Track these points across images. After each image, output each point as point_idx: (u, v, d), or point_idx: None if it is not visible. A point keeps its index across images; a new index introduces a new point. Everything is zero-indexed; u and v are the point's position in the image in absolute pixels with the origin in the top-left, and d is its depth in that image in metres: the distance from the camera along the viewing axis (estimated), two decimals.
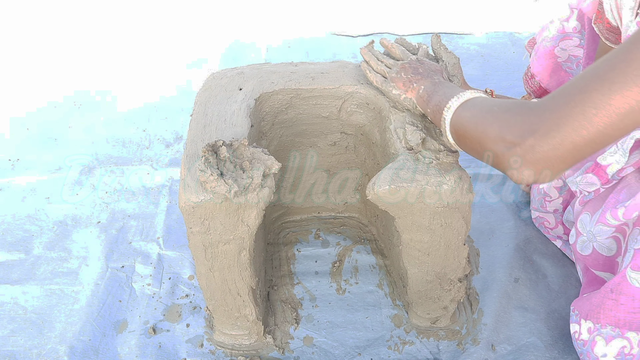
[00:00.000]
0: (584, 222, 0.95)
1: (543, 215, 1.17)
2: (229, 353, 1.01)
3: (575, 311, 0.93)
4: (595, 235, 0.92)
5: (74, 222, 1.26)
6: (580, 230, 0.96)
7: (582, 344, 0.90)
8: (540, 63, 1.14)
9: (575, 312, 0.93)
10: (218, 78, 1.02)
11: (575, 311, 0.93)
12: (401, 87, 0.90)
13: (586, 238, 0.94)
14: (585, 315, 0.89)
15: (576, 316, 0.92)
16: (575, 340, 0.92)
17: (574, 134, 0.59)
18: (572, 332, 0.93)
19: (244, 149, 0.82)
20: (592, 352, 0.88)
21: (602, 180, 0.91)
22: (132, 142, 1.49)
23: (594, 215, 0.93)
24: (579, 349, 0.92)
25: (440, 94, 0.82)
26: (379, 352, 1.01)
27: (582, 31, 1.04)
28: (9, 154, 1.46)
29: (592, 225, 0.92)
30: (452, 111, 0.76)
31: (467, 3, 2.07)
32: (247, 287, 0.92)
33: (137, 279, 1.14)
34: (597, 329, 0.87)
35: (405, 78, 0.90)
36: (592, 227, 0.92)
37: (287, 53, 1.83)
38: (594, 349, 0.87)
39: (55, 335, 1.04)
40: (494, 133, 0.66)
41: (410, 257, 0.93)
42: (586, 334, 0.89)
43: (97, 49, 1.86)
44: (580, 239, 0.96)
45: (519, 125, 0.63)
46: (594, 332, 0.87)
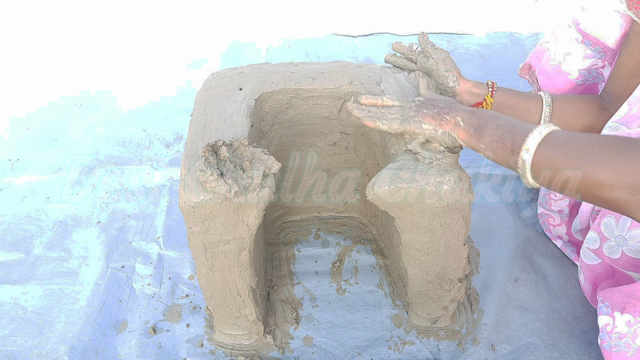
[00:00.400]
0: (610, 227, 0.93)
1: (548, 212, 1.17)
2: (229, 353, 1.01)
3: (606, 302, 0.90)
4: (627, 239, 0.90)
5: (74, 222, 1.27)
6: (606, 234, 0.93)
7: (617, 336, 0.88)
8: (551, 82, 1.11)
9: (606, 304, 0.90)
10: (218, 78, 1.02)
11: (605, 302, 0.90)
12: (431, 121, 0.82)
13: (614, 243, 0.92)
14: (622, 308, 0.87)
15: (607, 307, 0.90)
16: (606, 333, 0.89)
17: None
18: (604, 324, 0.89)
19: (244, 149, 0.82)
20: (634, 343, 0.86)
21: None
22: (132, 142, 1.49)
23: (620, 219, 0.91)
24: (612, 341, 0.89)
25: (493, 127, 0.76)
26: (379, 352, 1.01)
27: (586, 41, 1.03)
28: (9, 154, 1.46)
29: (624, 230, 0.90)
30: (532, 153, 0.69)
31: (467, 3, 2.07)
32: (247, 287, 0.92)
33: (137, 279, 1.14)
34: (638, 321, 0.84)
35: (432, 113, 0.82)
36: (624, 232, 0.90)
37: (287, 53, 1.83)
38: (636, 340, 0.85)
39: (55, 335, 1.04)
40: (609, 180, 0.63)
41: (410, 257, 0.93)
42: (624, 327, 0.87)
43: (97, 49, 1.87)
44: (607, 244, 0.94)
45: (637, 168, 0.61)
46: (635, 325, 0.85)
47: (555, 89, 1.10)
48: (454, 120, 0.80)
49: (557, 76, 1.10)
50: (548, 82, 1.12)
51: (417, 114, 0.83)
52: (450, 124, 0.80)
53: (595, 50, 1.04)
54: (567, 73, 1.08)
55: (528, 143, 0.70)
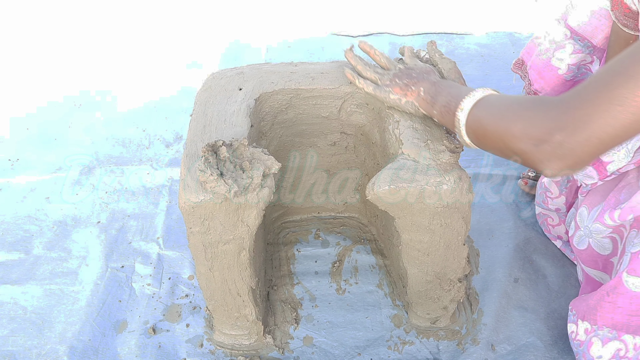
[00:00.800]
0: (582, 217, 0.95)
1: (546, 212, 1.17)
2: (228, 353, 1.01)
3: (573, 311, 0.93)
4: (592, 232, 0.92)
5: (74, 222, 1.27)
6: (579, 223, 0.96)
7: (578, 344, 0.90)
8: (542, 77, 1.12)
9: (573, 312, 0.93)
10: (218, 78, 1.02)
11: (572, 311, 0.93)
12: (399, 91, 0.89)
13: (583, 233, 0.95)
14: (583, 315, 0.89)
15: (574, 316, 0.92)
16: (572, 340, 0.92)
17: (600, 131, 0.61)
18: (570, 331, 0.93)
19: (244, 149, 0.82)
20: (588, 353, 0.88)
21: (601, 175, 0.91)
22: (132, 142, 1.49)
23: (591, 210, 0.93)
24: (575, 348, 0.92)
25: (445, 94, 0.82)
26: (378, 352, 1.01)
27: (574, 37, 1.05)
28: (9, 154, 1.46)
29: (590, 221, 0.93)
30: (466, 112, 0.75)
31: (467, 3, 2.07)
32: (247, 287, 0.92)
33: (137, 279, 1.14)
34: (594, 330, 0.87)
35: (401, 83, 0.89)
36: (590, 224, 0.92)
37: (287, 53, 1.83)
38: (590, 349, 0.87)
39: (55, 335, 1.04)
40: (519, 131, 0.66)
41: (410, 257, 0.93)
42: (583, 335, 0.89)
43: (97, 49, 1.86)
44: (577, 233, 0.96)
45: (545, 123, 0.64)
46: (590, 333, 0.88)
47: (544, 83, 1.11)
48: (417, 90, 0.87)
49: (546, 71, 1.11)
50: (538, 76, 1.13)
51: (391, 83, 0.90)
52: (414, 94, 0.88)
53: (584, 46, 1.05)
54: (557, 68, 1.09)
55: (463, 103, 0.76)
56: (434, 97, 0.83)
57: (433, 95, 0.84)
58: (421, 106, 0.87)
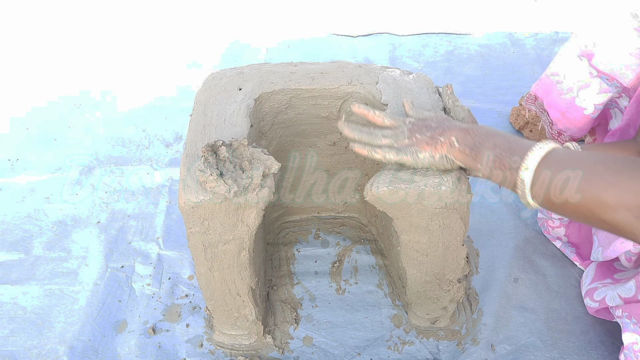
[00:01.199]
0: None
1: (547, 217, 1.17)
2: (228, 353, 1.01)
3: (633, 319, 0.86)
4: None
5: (74, 222, 1.27)
6: None
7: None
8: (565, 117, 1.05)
9: (633, 320, 0.86)
10: (218, 78, 1.02)
11: (632, 319, 0.86)
12: (427, 147, 0.78)
13: None
14: None
15: (634, 325, 0.85)
16: (632, 351, 0.85)
17: None
18: (631, 341, 0.85)
19: (244, 149, 0.82)
20: None
21: None
22: (132, 142, 1.49)
23: None
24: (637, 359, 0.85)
25: (490, 145, 0.72)
26: (378, 352, 1.01)
27: (602, 76, 0.98)
28: (9, 153, 1.46)
29: None
30: (532, 172, 0.66)
31: (467, 3, 2.07)
32: (247, 287, 0.92)
33: (136, 279, 1.14)
34: None
35: (425, 137, 0.78)
36: None
37: (287, 53, 1.83)
38: None
39: (55, 335, 1.04)
40: (612, 200, 0.59)
41: (409, 257, 0.93)
42: None
43: (97, 49, 1.87)
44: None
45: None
46: None
47: (568, 123, 1.05)
48: (448, 141, 0.77)
49: (571, 111, 1.04)
50: (561, 116, 1.06)
51: (411, 141, 0.79)
52: (445, 146, 0.77)
53: (611, 85, 0.98)
54: (582, 108, 1.02)
55: (527, 161, 0.66)
56: (475, 148, 0.74)
57: (472, 146, 0.74)
58: (459, 160, 0.76)
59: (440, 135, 0.77)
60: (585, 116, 1.02)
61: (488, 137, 0.73)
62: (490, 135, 0.73)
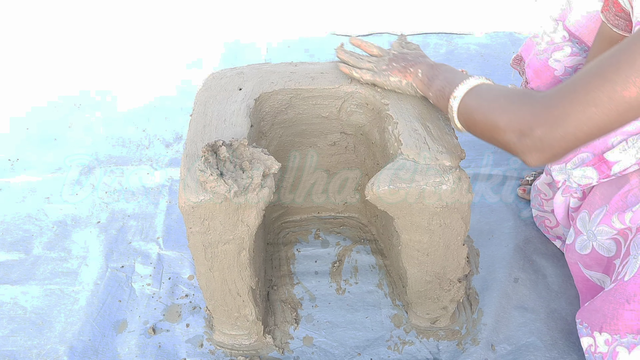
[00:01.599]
0: (584, 221, 0.94)
1: (543, 214, 1.17)
2: (228, 353, 1.01)
3: (584, 324, 0.90)
4: (595, 235, 0.91)
5: (74, 222, 1.27)
6: (580, 228, 0.95)
7: (600, 356, 0.86)
8: (538, 76, 1.13)
9: (584, 325, 0.90)
10: (218, 78, 1.02)
11: (583, 324, 0.90)
12: (398, 74, 0.93)
13: (586, 237, 0.94)
14: (600, 327, 0.86)
15: (586, 329, 0.89)
16: (590, 354, 0.88)
17: (576, 129, 0.66)
18: (586, 345, 0.89)
19: (244, 149, 0.82)
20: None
21: (602, 175, 0.90)
22: (132, 142, 1.49)
23: (593, 214, 0.93)
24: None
25: (441, 78, 0.85)
26: (378, 352, 1.01)
27: (572, 39, 1.05)
28: (9, 154, 1.46)
29: (594, 225, 0.92)
30: (458, 100, 0.79)
31: (467, 3, 2.07)
32: (247, 287, 0.92)
33: (136, 279, 1.14)
34: (615, 339, 0.84)
35: (399, 66, 0.93)
36: (594, 227, 0.92)
37: (287, 53, 1.83)
38: (616, 358, 0.84)
39: (55, 335, 1.04)
40: (504, 124, 0.71)
41: (410, 257, 0.93)
42: (604, 346, 0.85)
43: (97, 49, 1.87)
44: (580, 237, 0.95)
45: (527, 117, 0.69)
46: (613, 343, 0.84)
47: (540, 82, 1.12)
48: (415, 72, 0.91)
49: (543, 71, 1.11)
50: (535, 75, 1.13)
51: (388, 67, 0.94)
52: (412, 75, 0.91)
53: (581, 49, 1.06)
54: (554, 69, 1.10)
55: (456, 91, 0.80)
56: (431, 79, 0.87)
57: (430, 77, 0.88)
58: (419, 87, 0.91)
59: (411, 66, 0.92)
60: (555, 77, 1.10)
61: (444, 72, 0.87)
62: (447, 71, 0.87)
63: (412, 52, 0.96)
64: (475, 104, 0.78)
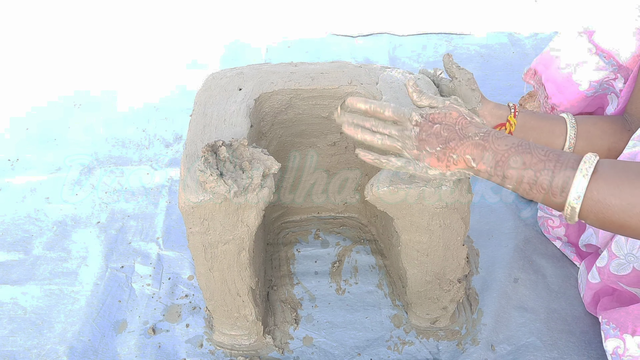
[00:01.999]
0: (619, 245, 0.90)
1: (548, 215, 1.17)
2: (228, 353, 1.01)
3: (611, 324, 0.88)
4: (638, 257, 0.87)
5: (74, 222, 1.27)
6: (616, 253, 0.91)
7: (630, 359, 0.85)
8: (561, 92, 1.07)
9: (612, 326, 0.88)
10: (218, 78, 1.02)
11: (610, 324, 0.88)
12: (437, 164, 0.72)
13: (624, 260, 0.90)
14: (633, 331, 0.84)
15: (614, 330, 0.87)
16: (618, 355, 0.86)
17: None
18: (613, 347, 0.87)
19: (244, 149, 0.82)
20: None
21: None
22: (132, 142, 1.49)
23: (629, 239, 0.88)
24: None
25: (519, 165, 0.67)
26: (378, 352, 1.01)
27: (599, 53, 1.00)
28: (9, 154, 1.46)
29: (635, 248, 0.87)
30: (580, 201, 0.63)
31: (467, 3, 2.07)
32: (247, 287, 0.92)
33: (136, 279, 1.14)
34: None
35: (435, 152, 0.71)
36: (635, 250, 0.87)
37: (287, 53, 1.83)
38: None
39: (55, 336, 1.04)
40: None
41: (409, 257, 0.93)
42: (636, 350, 0.84)
43: (97, 49, 1.87)
44: (615, 261, 0.91)
45: None
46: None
47: (563, 98, 1.08)
48: (462, 159, 0.70)
49: (567, 86, 1.06)
50: (557, 91, 1.08)
51: (420, 151, 0.72)
52: (459, 164, 0.71)
53: (608, 63, 1.00)
54: (578, 84, 1.04)
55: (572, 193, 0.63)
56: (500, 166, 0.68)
57: (494, 165, 0.69)
58: (479, 175, 0.72)
59: (452, 150, 0.70)
60: (580, 92, 1.05)
61: (512, 154, 0.68)
62: (514, 151, 0.68)
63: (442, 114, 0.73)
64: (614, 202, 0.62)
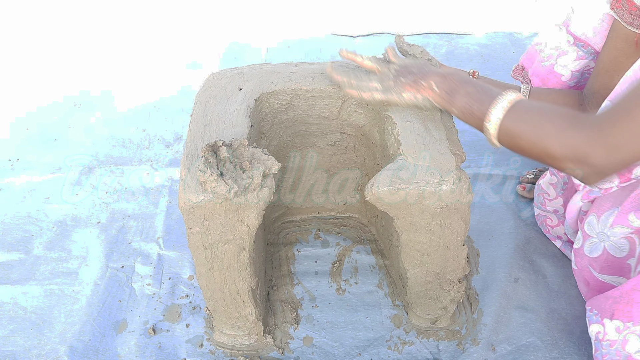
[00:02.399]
0: (592, 224, 0.93)
1: (545, 213, 1.17)
2: (228, 353, 1.01)
3: (594, 311, 0.90)
4: (609, 236, 0.90)
5: (74, 222, 1.27)
6: (589, 232, 0.94)
7: (608, 344, 0.86)
8: (544, 84, 1.12)
9: (594, 312, 0.90)
10: (218, 78, 1.02)
11: (593, 311, 0.90)
12: (410, 89, 0.89)
13: (597, 239, 0.93)
14: (610, 314, 0.86)
15: (595, 316, 0.89)
16: (598, 340, 0.88)
17: (631, 156, 0.69)
18: (595, 332, 0.89)
19: (244, 149, 0.82)
20: (624, 350, 0.84)
21: (623, 179, 0.89)
22: (132, 142, 1.49)
23: (602, 217, 0.92)
24: (604, 349, 0.88)
25: (463, 93, 0.84)
26: (378, 352, 1.01)
27: (577, 43, 1.05)
28: (9, 154, 1.46)
29: (606, 227, 0.91)
30: (495, 123, 0.78)
31: (467, 3, 2.07)
32: (247, 287, 0.92)
33: (137, 279, 1.14)
34: (627, 327, 0.84)
35: (408, 81, 0.89)
36: (606, 229, 0.91)
37: (287, 53, 1.83)
38: (626, 347, 0.84)
39: (55, 336, 1.04)
40: (557, 152, 0.73)
41: (410, 257, 0.93)
42: (614, 334, 0.86)
43: (97, 49, 1.87)
44: (588, 241, 0.94)
45: (582, 147, 0.71)
46: (624, 330, 0.84)
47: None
48: (428, 85, 0.88)
49: (549, 77, 1.11)
50: (541, 83, 1.12)
51: (396, 83, 0.90)
52: (426, 89, 0.88)
53: (587, 52, 1.05)
54: (560, 75, 1.09)
55: (491, 115, 0.79)
56: (450, 93, 0.85)
57: (448, 91, 0.85)
58: (437, 102, 0.88)
59: (421, 79, 0.88)
60: (562, 82, 1.10)
61: (462, 84, 0.85)
62: (463, 82, 0.85)
63: (411, 61, 0.93)
64: (517, 129, 0.77)
